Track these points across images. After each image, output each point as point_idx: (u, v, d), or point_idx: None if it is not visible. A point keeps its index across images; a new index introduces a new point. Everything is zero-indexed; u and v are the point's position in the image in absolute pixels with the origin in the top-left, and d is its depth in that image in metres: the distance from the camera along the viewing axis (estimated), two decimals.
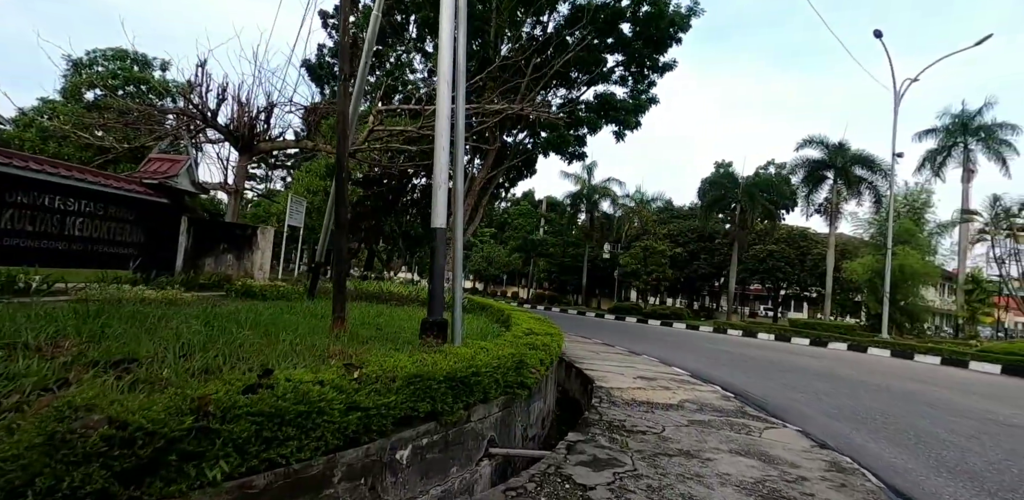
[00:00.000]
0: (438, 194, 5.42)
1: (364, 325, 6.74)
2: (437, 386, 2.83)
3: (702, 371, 9.26)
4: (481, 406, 3.36)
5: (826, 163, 27.95)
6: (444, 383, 2.89)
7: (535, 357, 4.45)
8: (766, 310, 47.75)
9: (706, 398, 6.38)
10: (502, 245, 50.88)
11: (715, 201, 33.20)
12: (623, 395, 6.00)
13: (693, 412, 5.42)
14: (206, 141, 14.20)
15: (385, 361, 2.97)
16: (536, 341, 5.11)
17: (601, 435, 3.98)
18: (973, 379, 12.07)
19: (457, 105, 5.70)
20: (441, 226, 5.39)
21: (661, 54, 19.87)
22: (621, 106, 18.10)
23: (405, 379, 2.70)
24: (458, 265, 5.53)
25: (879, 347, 17.55)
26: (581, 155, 18.56)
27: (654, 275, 34.64)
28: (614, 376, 7.42)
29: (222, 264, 10.35)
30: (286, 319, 6.25)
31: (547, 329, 6.41)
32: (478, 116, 13.41)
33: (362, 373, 2.75)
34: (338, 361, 4.06)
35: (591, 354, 10.04)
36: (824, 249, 34.74)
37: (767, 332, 22.10)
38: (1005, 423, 6.72)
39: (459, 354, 3.45)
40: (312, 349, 4.42)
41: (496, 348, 4.03)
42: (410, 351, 4.89)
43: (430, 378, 2.79)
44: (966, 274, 33.30)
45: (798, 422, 5.83)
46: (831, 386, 8.92)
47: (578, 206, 40.62)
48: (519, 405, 4.04)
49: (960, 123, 34.24)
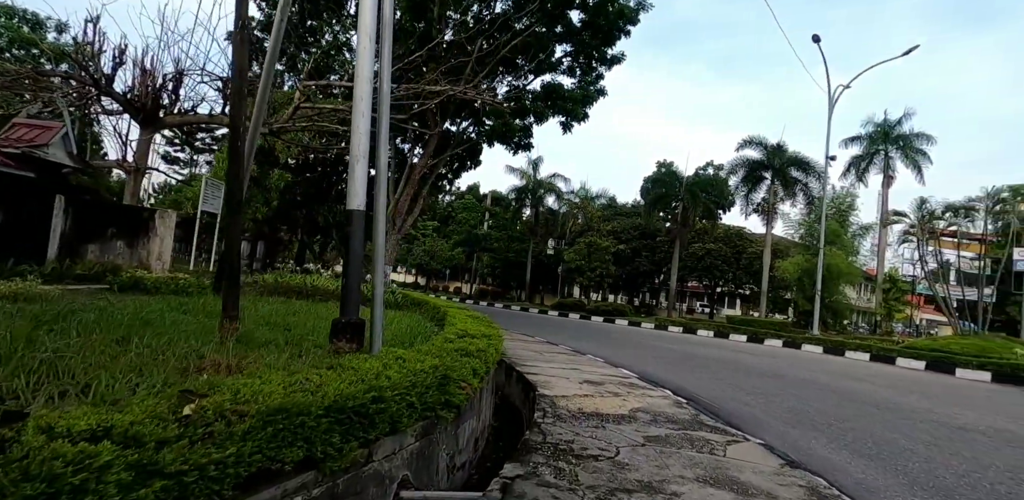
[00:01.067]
0: (356, 169, 4.49)
1: (269, 325, 5.71)
2: (315, 423, 1.96)
3: (649, 372, 8.78)
4: (389, 439, 2.51)
5: (764, 164, 28.72)
6: (328, 417, 2.03)
7: (467, 367, 3.64)
8: (703, 307, 49.20)
9: (658, 405, 5.81)
10: (445, 239, 49.68)
11: (658, 198, 33.53)
12: (569, 405, 5.30)
13: (647, 424, 4.79)
14: (102, 112, 12.39)
15: (246, 385, 2.07)
16: (471, 346, 4.30)
17: (545, 465, 3.22)
18: (904, 376, 12.35)
19: (381, 63, 4.78)
20: (358, 208, 4.47)
21: (609, 46, 19.50)
22: (569, 96, 17.54)
23: (262, 416, 1.82)
24: (379, 254, 4.63)
25: (812, 344, 17.97)
26: (527, 145, 17.88)
27: (598, 271, 34.64)
28: (559, 381, 6.74)
29: (111, 252, 8.88)
30: (169, 318, 5.14)
31: (485, 330, 5.61)
32: (418, 97, 12.40)
33: (198, 407, 1.85)
34: (210, 375, 3.10)
35: (534, 355, 9.35)
36: (758, 248, 35.92)
37: (706, 329, 22.34)
38: (953, 425, 6.56)
39: (362, 370, 2.59)
40: (182, 358, 3.44)
41: (416, 358, 3.19)
42: (313, 360, 3.97)
43: (302, 412, 1.92)
44: (884, 274, 35.37)
45: (755, 431, 5.35)
46: (777, 386, 8.66)
47: (523, 200, 40.08)
48: (444, 430, 3.22)
49: (882, 132, 36.22)
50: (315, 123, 12.31)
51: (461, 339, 4.79)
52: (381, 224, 4.72)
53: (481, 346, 4.42)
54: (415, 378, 2.71)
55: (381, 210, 4.76)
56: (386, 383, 2.42)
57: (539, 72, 19.13)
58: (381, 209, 4.76)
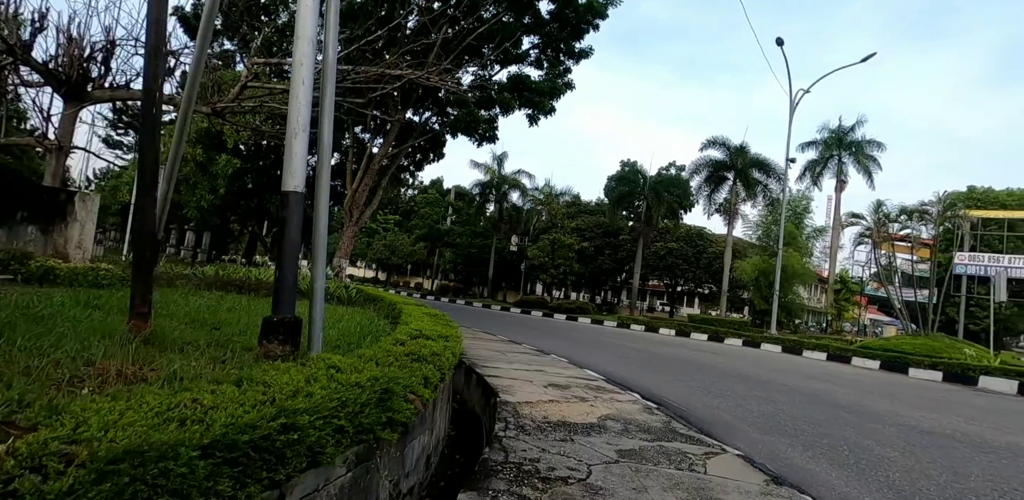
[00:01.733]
0: (294, 145, 3.88)
1: (196, 323, 5.01)
2: (189, 468, 1.39)
3: (616, 374, 8.42)
4: (309, 474, 1.96)
5: (727, 165, 29.06)
6: (210, 459, 1.46)
7: (418, 375, 3.11)
8: (663, 305, 49.85)
9: (628, 411, 5.41)
10: (408, 234, 48.59)
11: (623, 196, 33.55)
12: (534, 412, 4.82)
13: (619, 435, 4.36)
14: (20, 83, 11.12)
15: (100, 412, 1.49)
16: (424, 349, 3.77)
17: (507, 493, 2.72)
18: (861, 376, 12.47)
19: (327, 22, 4.16)
20: (295, 190, 3.86)
21: (578, 40, 19.15)
22: (536, 87, 17.05)
23: (101, 463, 1.24)
24: (320, 242, 4.03)
25: (770, 343, 18.16)
26: (492, 137, 17.30)
27: (561, 269, 34.44)
28: (522, 385, 6.26)
29: (20, 238, 7.86)
30: (71, 314, 4.40)
31: (442, 330, 5.08)
32: (379, 82, 11.67)
33: (8, 448, 1.27)
34: (92, 387, 2.46)
35: (496, 355, 8.86)
36: (718, 248, 36.50)
37: (668, 327, 22.37)
38: (921, 429, 6.44)
39: (277, 385, 2.02)
40: (66, 365, 2.78)
41: (354, 367, 2.63)
42: (235, 365, 3.36)
43: (166, 454, 1.35)
44: (836, 275, 36.55)
45: (729, 438, 5.03)
46: (744, 388, 8.45)
47: (487, 195, 39.46)
48: (386, 453, 2.68)
49: (836, 138, 37.40)
50: (265, 104, 11.43)
51: (414, 340, 4.24)
52: (322, 207, 4.11)
53: (436, 349, 3.88)
54: (347, 394, 2.16)
55: (323, 190, 4.15)
56: (304, 404, 1.86)
57: (506, 63, 18.59)
58: (323, 189, 4.15)
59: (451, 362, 4.21)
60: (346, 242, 15.98)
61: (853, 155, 36.88)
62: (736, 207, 29.15)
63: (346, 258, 15.92)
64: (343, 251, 15.88)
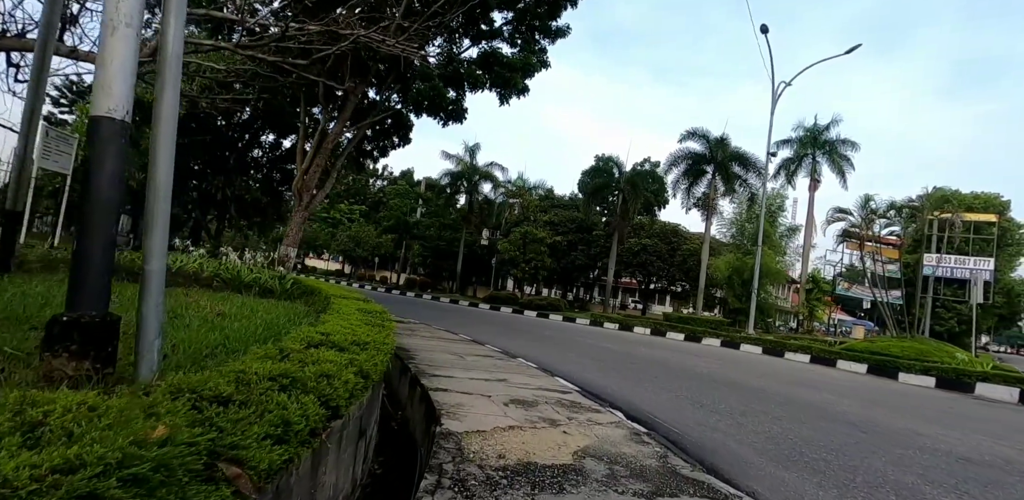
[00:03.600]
0: (111, 44, 2.43)
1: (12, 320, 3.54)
2: None
3: (593, 383, 7.18)
4: None
5: (707, 157, 28.24)
6: None
7: (274, 419, 1.74)
8: (635, 302, 49.26)
9: (612, 440, 4.15)
10: (376, 225, 46.65)
11: (598, 189, 32.49)
12: (486, 449, 3.51)
13: (604, 487, 3.09)
14: None
15: None
16: (312, 369, 2.40)
17: None
18: (854, 382, 11.58)
19: None
20: (109, 114, 2.43)
21: (555, 18, 17.87)
22: (508, 62, 15.66)
23: None
24: (160, 204, 2.63)
25: (750, 343, 17.29)
26: (458, 116, 15.82)
27: (533, 264, 33.22)
28: (477, 401, 4.93)
29: None
30: None
31: (364, 333, 3.71)
32: (327, 43, 10.13)
33: None
34: None
35: (453, 359, 7.51)
36: (692, 245, 35.88)
37: (642, 326, 21.38)
38: (957, 455, 5.37)
39: None
40: None
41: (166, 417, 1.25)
42: None
43: None
44: (808, 275, 36.36)
45: (743, 477, 3.84)
46: (738, 399, 7.32)
47: (458, 187, 37.90)
48: None
49: (811, 136, 37.16)
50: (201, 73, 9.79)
51: (308, 350, 2.88)
52: (165, 148, 2.69)
53: (329, 369, 2.51)
54: None
55: (167, 122, 2.72)
56: None
57: (477, 39, 17.16)
58: (167, 121, 2.73)
59: (361, 385, 2.84)
60: (294, 228, 14.36)
61: (827, 154, 36.72)
62: (715, 201, 28.39)
63: (294, 246, 14.32)
64: (291, 239, 14.25)
